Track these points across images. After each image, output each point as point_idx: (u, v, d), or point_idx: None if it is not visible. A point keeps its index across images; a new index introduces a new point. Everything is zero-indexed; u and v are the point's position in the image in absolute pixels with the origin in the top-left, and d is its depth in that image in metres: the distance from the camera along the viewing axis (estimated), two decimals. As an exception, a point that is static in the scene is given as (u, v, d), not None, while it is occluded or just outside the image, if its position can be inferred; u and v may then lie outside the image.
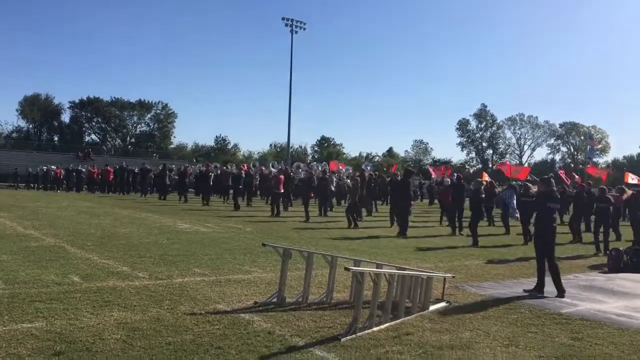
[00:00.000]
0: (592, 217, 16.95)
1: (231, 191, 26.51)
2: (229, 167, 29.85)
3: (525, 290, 8.54)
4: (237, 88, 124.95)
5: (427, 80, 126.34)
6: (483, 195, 16.50)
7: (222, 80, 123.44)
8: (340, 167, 31.89)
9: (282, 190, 22.14)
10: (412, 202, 17.43)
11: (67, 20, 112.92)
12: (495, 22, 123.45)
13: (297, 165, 29.73)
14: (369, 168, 30.61)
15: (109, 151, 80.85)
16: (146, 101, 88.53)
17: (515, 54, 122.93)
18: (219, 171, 28.36)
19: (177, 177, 30.29)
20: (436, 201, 29.26)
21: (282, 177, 22.34)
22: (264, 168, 31.73)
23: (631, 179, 23.07)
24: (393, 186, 19.32)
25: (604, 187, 15.90)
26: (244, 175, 26.45)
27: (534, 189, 14.97)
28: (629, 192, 15.49)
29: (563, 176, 25.95)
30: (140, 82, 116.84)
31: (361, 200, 19.90)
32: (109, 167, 34.34)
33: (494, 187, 19.73)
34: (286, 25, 58.63)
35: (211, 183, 26.84)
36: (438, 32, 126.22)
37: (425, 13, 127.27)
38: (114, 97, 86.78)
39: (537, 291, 8.43)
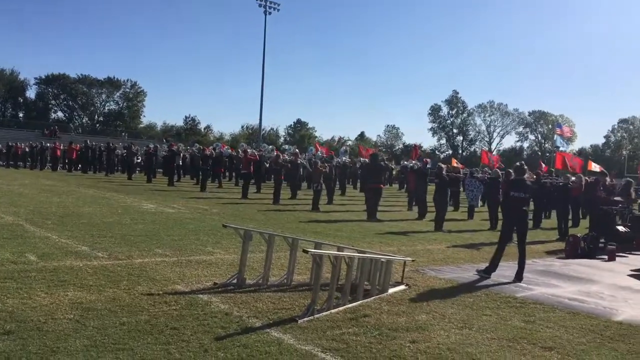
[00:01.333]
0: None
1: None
2: (193, 148, 29.54)
3: (477, 272, 8.73)
4: (208, 68, 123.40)
5: (401, 64, 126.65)
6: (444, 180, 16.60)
7: (194, 60, 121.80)
8: (322, 151, 31.65)
9: (251, 171, 22.11)
10: (382, 186, 17.48)
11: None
12: (469, 10, 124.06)
13: (266, 147, 29.52)
14: (344, 154, 30.60)
15: (76, 129, 79.22)
16: (115, 79, 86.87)
17: (487, 41, 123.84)
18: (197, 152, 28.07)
19: (144, 157, 29.83)
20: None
21: (249, 158, 22.28)
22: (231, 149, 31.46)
23: (594, 167, 23.62)
24: (363, 170, 19.40)
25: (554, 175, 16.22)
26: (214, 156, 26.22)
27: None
28: (585, 180, 15.93)
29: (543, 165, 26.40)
30: (109, 60, 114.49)
31: (327, 185, 20.00)
32: (73, 145, 33.64)
33: (457, 172, 19.93)
34: (260, 5, 58.00)
35: (180, 163, 26.53)
36: (413, 18, 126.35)
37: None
38: (82, 74, 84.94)
39: (486, 272, 8.61)
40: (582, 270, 9.91)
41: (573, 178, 16.50)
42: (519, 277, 8.53)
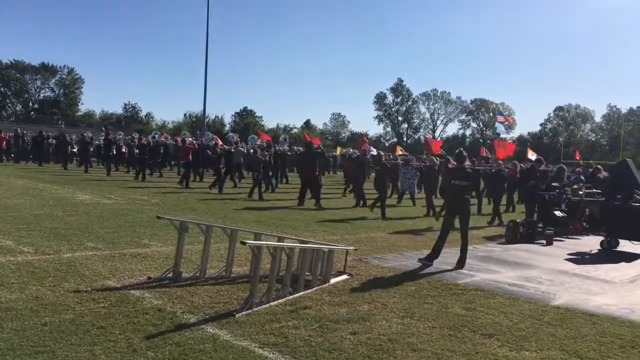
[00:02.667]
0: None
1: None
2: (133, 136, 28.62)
3: (419, 260, 8.73)
4: (149, 54, 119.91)
5: (346, 52, 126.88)
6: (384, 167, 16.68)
7: (134, 45, 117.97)
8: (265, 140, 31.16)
9: (190, 160, 21.70)
10: (318, 174, 17.44)
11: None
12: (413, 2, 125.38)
13: (208, 135, 28.85)
14: (284, 143, 30.30)
15: (10, 117, 75.66)
16: (50, 65, 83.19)
17: (431, 29, 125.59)
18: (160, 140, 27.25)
19: (79, 146, 28.63)
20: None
21: (188, 147, 21.82)
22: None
23: (531, 154, 24.32)
24: (299, 159, 19.24)
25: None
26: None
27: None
28: (520, 166, 16.36)
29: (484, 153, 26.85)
30: (43, 45, 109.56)
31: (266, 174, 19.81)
32: (2, 134, 32.00)
33: (396, 160, 20.05)
34: (202, -11, 56.66)
35: (114, 152, 25.61)
36: (358, 3, 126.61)
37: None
38: (14, 60, 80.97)
39: (427, 260, 8.64)
40: (522, 256, 10.08)
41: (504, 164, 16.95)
42: (461, 263, 8.56)
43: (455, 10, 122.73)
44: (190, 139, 26.15)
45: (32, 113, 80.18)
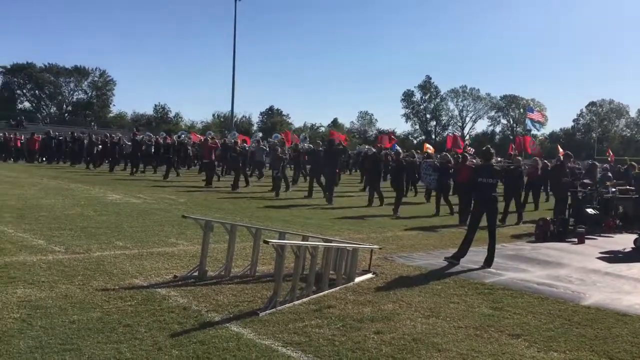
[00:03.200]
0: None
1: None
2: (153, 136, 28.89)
3: (446, 258, 8.63)
4: (178, 55, 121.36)
5: (373, 50, 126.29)
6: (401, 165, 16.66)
7: (164, 47, 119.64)
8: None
9: (212, 159, 21.97)
10: (337, 171, 17.63)
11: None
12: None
13: (235, 134, 28.99)
14: (305, 140, 30.28)
15: (44, 119, 77.39)
16: (83, 67, 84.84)
17: (459, 26, 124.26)
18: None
19: (107, 147, 28.90)
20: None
21: (211, 146, 22.03)
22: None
23: (560, 151, 23.86)
24: (317, 156, 19.29)
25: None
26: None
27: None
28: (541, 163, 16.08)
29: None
30: (77, 48, 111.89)
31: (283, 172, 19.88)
32: (35, 136, 32.74)
33: (413, 157, 19.84)
34: (230, -9, 57.01)
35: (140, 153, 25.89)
36: (385, 3, 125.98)
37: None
38: (49, 63, 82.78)
39: (454, 258, 8.53)
40: (552, 254, 9.89)
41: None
42: (488, 262, 8.44)
43: (483, 6, 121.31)
44: (212, 138, 26.26)
45: (66, 115, 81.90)
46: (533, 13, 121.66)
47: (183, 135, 29.82)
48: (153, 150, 26.20)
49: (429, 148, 29.66)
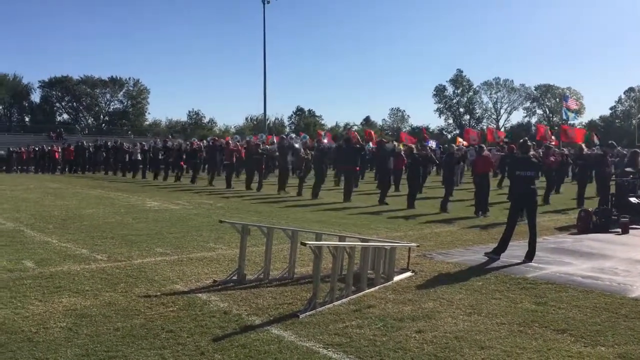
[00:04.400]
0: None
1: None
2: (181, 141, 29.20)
3: (485, 254, 8.49)
4: (209, 61, 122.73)
5: (404, 47, 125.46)
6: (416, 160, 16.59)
7: (195, 53, 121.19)
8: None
9: (233, 162, 22.31)
10: (357, 169, 17.77)
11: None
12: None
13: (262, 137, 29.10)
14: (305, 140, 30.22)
15: (82, 130, 79.29)
16: (118, 78, 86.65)
17: (489, 15, 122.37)
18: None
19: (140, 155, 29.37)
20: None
21: (232, 149, 22.25)
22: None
23: (596, 139, 23.31)
24: (338, 153, 19.48)
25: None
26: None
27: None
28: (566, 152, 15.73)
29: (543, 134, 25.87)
30: (111, 59, 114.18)
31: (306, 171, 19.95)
32: (71, 147, 33.57)
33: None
34: (257, -5, 57.40)
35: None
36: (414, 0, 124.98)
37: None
38: (84, 75, 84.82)
39: (495, 253, 8.38)
40: (595, 246, 9.65)
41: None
42: (529, 256, 8.27)
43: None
44: (234, 141, 26.42)
45: (103, 125, 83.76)
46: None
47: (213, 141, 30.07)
48: (184, 156, 26.47)
49: (462, 142, 29.35)
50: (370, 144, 29.38)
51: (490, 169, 14.92)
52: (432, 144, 25.58)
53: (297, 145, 23.24)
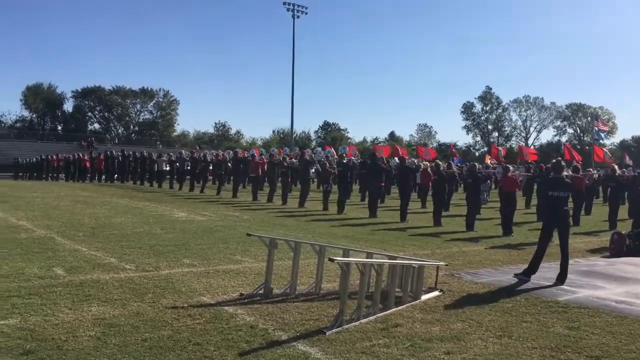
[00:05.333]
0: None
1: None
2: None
3: (515, 275, 8.34)
4: (238, 74, 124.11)
5: (432, 63, 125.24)
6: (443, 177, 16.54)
7: (223, 67, 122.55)
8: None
9: (258, 174, 22.41)
10: (382, 185, 18.19)
11: (65, 8, 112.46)
12: (499, 3, 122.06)
13: (319, 151, 29.15)
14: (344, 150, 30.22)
15: (112, 140, 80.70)
16: (148, 89, 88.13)
17: (520, 34, 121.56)
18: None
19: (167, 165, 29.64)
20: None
21: (257, 162, 22.39)
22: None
23: (627, 160, 22.78)
24: (365, 169, 19.65)
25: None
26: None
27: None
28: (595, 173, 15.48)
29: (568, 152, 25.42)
30: (141, 70, 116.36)
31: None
32: (101, 156, 34.13)
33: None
34: (288, 10, 58.15)
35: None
36: (441, 15, 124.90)
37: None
38: (116, 86, 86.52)
39: (525, 275, 8.23)
40: (629, 270, 9.39)
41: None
42: (561, 279, 8.09)
43: (542, 10, 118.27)
44: (260, 154, 26.50)
45: (133, 135, 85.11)
46: (597, 17, 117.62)
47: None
48: (211, 167, 26.69)
49: (491, 160, 29.05)
50: (396, 159, 29.28)
51: (516, 188, 14.72)
52: (457, 161, 25.49)
53: (318, 159, 23.33)
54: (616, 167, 17.74)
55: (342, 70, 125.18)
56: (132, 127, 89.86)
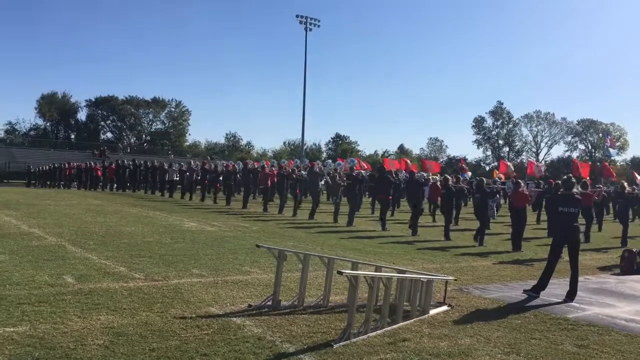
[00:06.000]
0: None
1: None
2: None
3: (524, 291, 8.30)
4: (250, 85, 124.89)
5: (443, 77, 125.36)
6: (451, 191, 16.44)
7: (236, 78, 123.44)
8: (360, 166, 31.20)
9: (268, 187, 22.47)
10: (390, 198, 18.36)
11: (81, 19, 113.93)
12: (511, 17, 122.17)
13: (331, 163, 29.11)
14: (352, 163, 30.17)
15: (125, 149, 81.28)
16: (160, 99, 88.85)
17: (531, 49, 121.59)
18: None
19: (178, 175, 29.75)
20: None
21: (267, 173, 22.45)
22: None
23: (637, 179, 22.47)
24: (374, 182, 19.78)
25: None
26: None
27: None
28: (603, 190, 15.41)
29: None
30: (154, 81, 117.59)
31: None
32: (112, 165, 34.37)
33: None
34: (300, 22, 58.40)
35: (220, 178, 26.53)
36: (453, 30, 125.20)
37: (438, 10, 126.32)
38: (129, 96, 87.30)
39: (534, 291, 8.19)
40: (640, 288, 9.32)
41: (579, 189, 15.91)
42: (571, 296, 8.04)
43: (552, 26, 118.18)
44: (270, 166, 26.54)
45: (145, 145, 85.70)
46: (610, 34, 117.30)
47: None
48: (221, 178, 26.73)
49: (499, 175, 28.91)
50: (404, 172, 29.26)
51: (525, 204, 14.67)
52: (467, 176, 25.44)
53: (327, 172, 23.35)
54: (626, 184, 17.62)
55: (355, 83, 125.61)
56: (144, 136, 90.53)
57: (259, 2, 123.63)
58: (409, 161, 33.58)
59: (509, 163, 35.11)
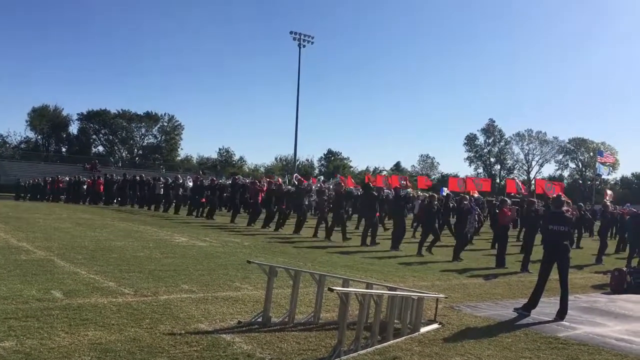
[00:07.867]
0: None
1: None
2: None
3: (515, 309, 8.30)
4: (242, 101, 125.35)
5: (435, 94, 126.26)
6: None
7: (228, 93, 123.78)
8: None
9: (259, 202, 22.43)
10: (377, 215, 18.06)
11: (73, 32, 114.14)
12: (504, 36, 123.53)
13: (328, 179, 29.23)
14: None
15: (116, 163, 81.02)
16: (153, 113, 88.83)
17: (524, 67, 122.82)
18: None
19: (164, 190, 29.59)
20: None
21: (257, 188, 22.42)
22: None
23: (607, 197, 22.62)
24: (360, 200, 19.84)
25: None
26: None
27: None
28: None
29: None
30: (147, 95, 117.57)
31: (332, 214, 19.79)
32: (100, 179, 34.22)
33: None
34: (294, 39, 58.82)
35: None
36: (446, 48, 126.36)
37: (430, 27, 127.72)
38: (121, 109, 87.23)
39: (524, 310, 8.20)
40: (630, 307, 9.34)
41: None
42: (561, 315, 8.06)
43: (545, 45, 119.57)
44: (261, 181, 26.53)
45: (137, 159, 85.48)
46: (601, 53, 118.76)
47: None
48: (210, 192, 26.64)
49: (475, 193, 28.96)
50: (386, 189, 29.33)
51: (509, 221, 14.98)
52: (445, 191, 25.61)
53: (316, 188, 23.41)
54: (609, 203, 18.07)
55: (348, 99, 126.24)
56: (136, 150, 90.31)
57: (252, 18, 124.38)
58: (386, 177, 33.55)
59: (517, 180, 35.30)
